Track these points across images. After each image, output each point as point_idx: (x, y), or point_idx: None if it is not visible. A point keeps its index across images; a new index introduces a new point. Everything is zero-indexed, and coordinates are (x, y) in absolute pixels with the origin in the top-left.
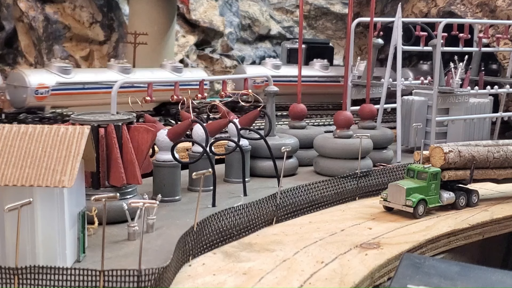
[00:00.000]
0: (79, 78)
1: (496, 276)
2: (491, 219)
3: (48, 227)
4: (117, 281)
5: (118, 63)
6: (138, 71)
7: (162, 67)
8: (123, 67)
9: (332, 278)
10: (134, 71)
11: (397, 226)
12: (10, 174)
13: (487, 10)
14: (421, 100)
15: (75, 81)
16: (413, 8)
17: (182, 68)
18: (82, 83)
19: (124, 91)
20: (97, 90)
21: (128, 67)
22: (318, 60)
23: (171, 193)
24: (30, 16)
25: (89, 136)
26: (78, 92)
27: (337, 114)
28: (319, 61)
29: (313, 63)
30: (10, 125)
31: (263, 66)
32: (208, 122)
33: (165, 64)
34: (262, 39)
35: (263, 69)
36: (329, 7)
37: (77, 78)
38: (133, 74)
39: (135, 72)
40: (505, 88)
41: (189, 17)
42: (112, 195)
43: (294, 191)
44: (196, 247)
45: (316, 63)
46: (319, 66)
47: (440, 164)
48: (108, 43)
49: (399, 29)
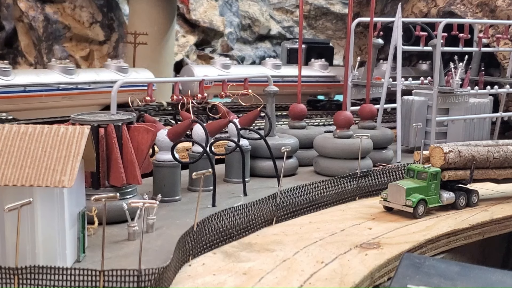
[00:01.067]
0: (19, 80)
1: (496, 276)
2: (491, 219)
3: (48, 227)
4: (117, 281)
5: (60, 64)
6: (82, 72)
7: (105, 67)
8: (65, 67)
9: (332, 278)
10: (77, 72)
11: (397, 226)
12: (10, 174)
13: (487, 10)
14: (421, 100)
15: (15, 84)
16: (413, 8)
17: (127, 68)
18: (22, 86)
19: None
20: (39, 93)
21: (71, 68)
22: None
23: (171, 193)
24: (30, 16)
25: (89, 136)
26: (18, 95)
27: (337, 114)
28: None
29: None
30: (10, 125)
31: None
32: (208, 122)
33: (108, 64)
34: (262, 39)
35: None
36: (329, 7)
37: (16, 80)
38: (76, 75)
39: (78, 74)
40: (505, 88)
41: (189, 17)
42: (112, 195)
43: (294, 191)
44: (196, 247)
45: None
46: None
47: (440, 164)
48: (108, 43)
49: (399, 29)
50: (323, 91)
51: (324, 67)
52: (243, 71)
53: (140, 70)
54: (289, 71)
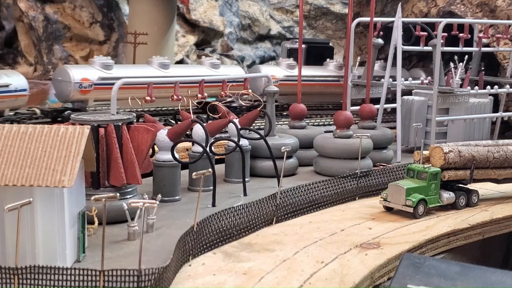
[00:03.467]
0: None
1: (496, 276)
2: (491, 219)
3: (48, 227)
4: (117, 281)
5: None
6: None
7: None
8: None
9: (332, 278)
10: None
11: (397, 226)
12: (10, 174)
13: (487, 10)
14: (421, 100)
15: None
16: (413, 8)
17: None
18: None
19: None
20: None
21: None
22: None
23: (171, 193)
24: (30, 16)
25: (89, 136)
26: None
27: (337, 114)
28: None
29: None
30: (10, 125)
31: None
32: (208, 122)
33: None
34: (262, 39)
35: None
36: (329, 7)
37: None
38: None
39: None
40: (505, 88)
41: (189, 17)
42: (112, 195)
43: (294, 191)
44: (196, 247)
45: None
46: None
47: (440, 164)
48: (108, 43)
49: (399, 29)
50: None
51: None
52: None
53: None
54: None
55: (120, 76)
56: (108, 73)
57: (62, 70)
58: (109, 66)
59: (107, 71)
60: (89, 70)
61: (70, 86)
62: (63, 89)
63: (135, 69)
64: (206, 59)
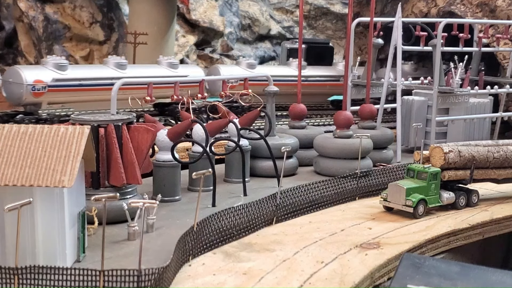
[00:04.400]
0: None
1: (496, 276)
2: (491, 219)
3: (48, 227)
4: (117, 281)
5: None
6: None
7: None
8: None
9: (332, 278)
10: None
11: (397, 226)
12: (10, 174)
13: (487, 10)
14: (421, 100)
15: None
16: (413, 8)
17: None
18: None
19: None
20: None
21: None
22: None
23: (171, 193)
24: (30, 16)
25: (89, 136)
26: None
27: (337, 114)
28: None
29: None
30: (10, 125)
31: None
32: (208, 122)
33: None
34: (262, 39)
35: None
36: (329, 7)
37: None
38: None
39: None
40: (505, 88)
41: (189, 17)
42: (112, 195)
43: (294, 191)
44: (196, 247)
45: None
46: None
47: (440, 164)
48: (108, 43)
49: (399, 29)
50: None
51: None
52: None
53: None
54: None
55: (75, 77)
56: (63, 74)
57: (13, 71)
58: (63, 66)
59: (61, 72)
60: (42, 71)
61: (22, 88)
62: (14, 91)
63: (90, 69)
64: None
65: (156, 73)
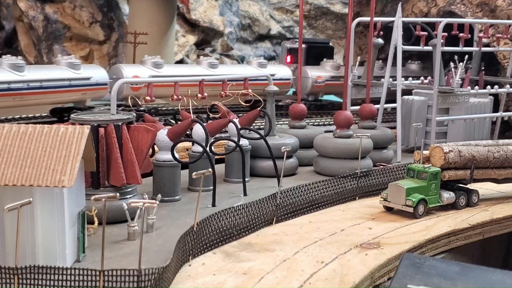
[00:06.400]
0: None
1: (496, 276)
2: (491, 219)
3: (48, 227)
4: (117, 281)
5: None
6: None
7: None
8: None
9: (332, 278)
10: None
11: (397, 226)
12: (10, 174)
13: (487, 10)
14: (421, 100)
15: None
16: (413, 8)
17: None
18: None
19: None
20: None
21: None
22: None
23: (171, 193)
24: (30, 15)
25: (89, 136)
26: None
27: (337, 114)
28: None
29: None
30: (10, 125)
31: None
32: (208, 122)
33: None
34: (262, 39)
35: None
36: (329, 7)
37: None
38: None
39: None
40: (505, 88)
41: (189, 17)
42: (112, 195)
43: (294, 191)
44: (196, 247)
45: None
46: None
47: (440, 164)
48: (108, 43)
49: (399, 29)
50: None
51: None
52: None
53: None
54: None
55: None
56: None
57: None
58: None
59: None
60: None
61: None
62: None
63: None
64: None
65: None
